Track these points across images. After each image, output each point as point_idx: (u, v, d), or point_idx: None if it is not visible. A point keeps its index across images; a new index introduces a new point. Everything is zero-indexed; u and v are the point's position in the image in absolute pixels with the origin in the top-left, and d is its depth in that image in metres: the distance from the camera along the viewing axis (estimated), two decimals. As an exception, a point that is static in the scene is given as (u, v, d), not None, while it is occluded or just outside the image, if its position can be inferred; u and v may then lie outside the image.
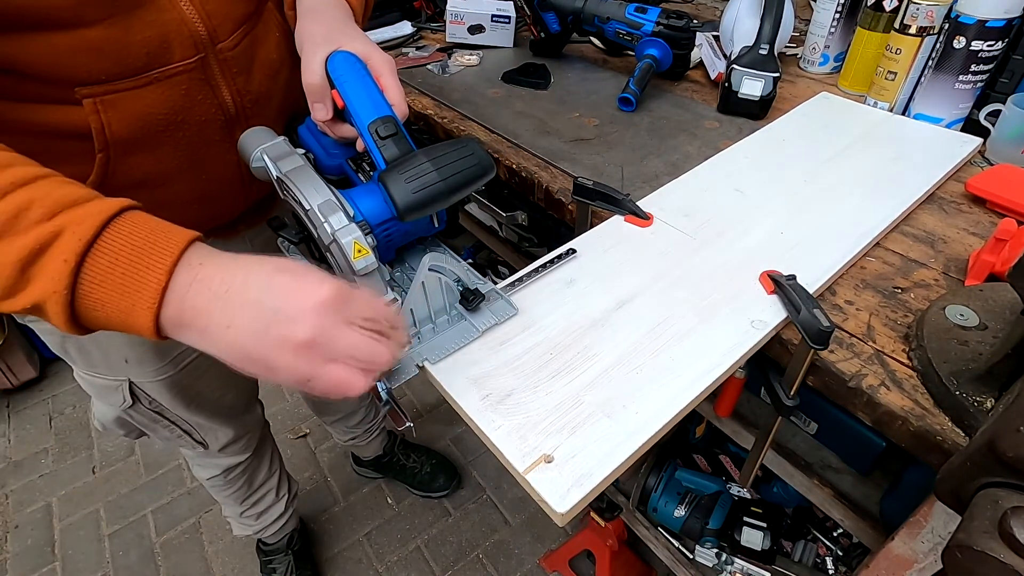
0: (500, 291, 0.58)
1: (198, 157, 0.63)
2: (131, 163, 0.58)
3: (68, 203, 0.39)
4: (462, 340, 0.54)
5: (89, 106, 0.53)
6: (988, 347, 0.51)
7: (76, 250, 0.38)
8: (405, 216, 0.50)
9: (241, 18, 0.62)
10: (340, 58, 0.57)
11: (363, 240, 0.49)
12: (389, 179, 0.49)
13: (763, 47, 0.89)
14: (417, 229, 0.59)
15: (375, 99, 0.55)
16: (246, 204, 0.73)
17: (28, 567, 1.48)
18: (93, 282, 0.39)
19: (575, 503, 0.41)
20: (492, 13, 1.15)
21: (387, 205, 0.53)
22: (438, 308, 0.54)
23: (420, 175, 0.49)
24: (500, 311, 0.57)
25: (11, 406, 1.88)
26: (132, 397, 0.82)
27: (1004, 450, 0.32)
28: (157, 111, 0.57)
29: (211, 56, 0.59)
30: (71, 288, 0.38)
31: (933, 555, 0.45)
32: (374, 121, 0.53)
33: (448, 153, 0.51)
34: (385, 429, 1.50)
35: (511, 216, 0.97)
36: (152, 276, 0.39)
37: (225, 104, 0.62)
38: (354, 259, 0.49)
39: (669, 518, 1.10)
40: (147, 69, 0.55)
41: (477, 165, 0.52)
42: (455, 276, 0.54)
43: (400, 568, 1.44)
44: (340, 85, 0.56)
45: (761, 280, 0.59)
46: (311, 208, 0.50)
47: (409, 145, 0.54)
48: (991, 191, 0.72)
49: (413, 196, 0.49)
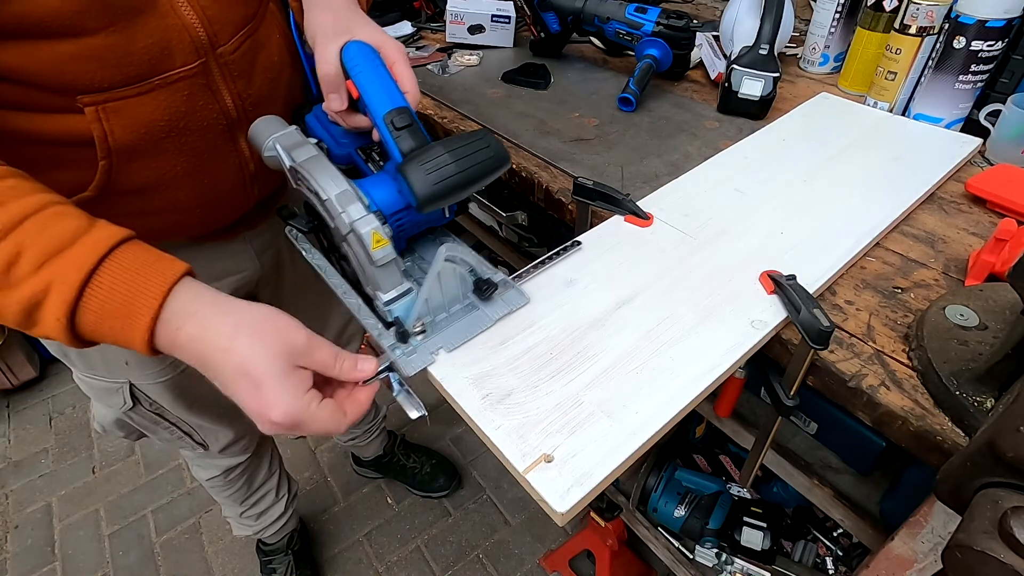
0: (512, 281, 0.59)
1: (200, 162, 0.63)
2: (133, 169, 0.58)
3: (53, 251, 0.41)
4: (476, 329, 0.55)
5: (91, 114, 0.53)
6: (988, 347, 0.51)
7: (63, 311, 0.41)
8: (424, 207, 0.50)
9: (241, 21, 0.62)
10: (355, 48, 0.57)
11: (381, 230, 0.50)
12: (408, 170, 0.50)
13: (763, 47, 0.89)
14: (428, 219, 0.60)
15: (390, 90, 0.56)
16: (247, 207, 0.73)
17: (28, 567, 1.48)
18: (88, 328, 0.43)
19: (575, 503, 0.41)
20: (492, 13, 1.15)
21: (400, 195, 0.53)
22: (452, 297, 0.55)
23: (439, 166, 0.50)
24: (512, 300, 0.57)
25: (11, 406, 1.88)
26: (132, 399, 0.82)
27: (1004, 450, 0.32)
28: (159, 117, 0.57)
29: (212, 61, 0.59)
30: (71, 330, 0.42)
31: (933, 555, 0.45)
32: (389, 112, 0.54)
33: (465, 145, 0.51)
34: (385, 429, 1.50)
35: (511, 216, 0.97)
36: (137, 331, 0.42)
37: (227, 108, 0.62)
38: (373, 249, 0.49)
39: (669, 518, 1.10)
40: (149, 76, 0.55)
41: (494, 157, 0.53)
42: (469, 266, 0.55)
43: (400, 568, 1.44)
44: (355, 76, 0.56)
45: (761, 280, 0.59)
46: (328, 198, 0.50)
47: (423, 136, 0.54)
48: (991, 191, 0.72)
49: (432, 187, 0.49)
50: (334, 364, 0.47)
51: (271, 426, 0.43)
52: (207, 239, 0.72)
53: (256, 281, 0.83)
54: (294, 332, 0.45)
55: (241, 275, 0.79)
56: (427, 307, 0.53)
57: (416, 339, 0.53)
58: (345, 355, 0.48)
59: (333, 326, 1.04)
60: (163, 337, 0.43)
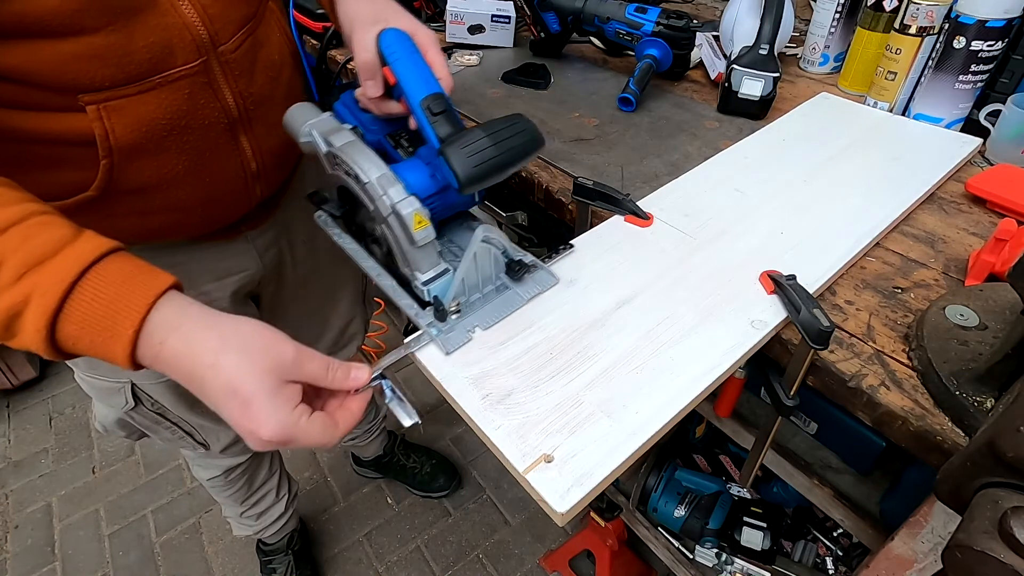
0: (541, 262, 0.60)
1: (201, 161, 0.63)
2: (135, 168, 0.58)
3: (34, 261, 0.40)
4: (509, 308, 0.57)
5: (93, 113, 0.53)
6: (988, 347, 0.51)
7: (43, 322, 0.40)
8: (465, 188, 0.51)
9: (242, 20, 0.62)
10: (392, 35, 0.59)
11: (423, 211, 0.51)
12: (450, 152, 0.51)
13: (763, 47, 0.89)
14: (458, 203, 0.61)
15: (426, 76, 0.57)
16: (249, 206, 0.73)
17: (28, 567, 1.48)
18: (68, 342, 0.42)
19: (575, 503, 0.41)
20: (492, 13, 1.15)
21: (432, 180, 0.56)
22: (486, 277, 0.56)
23: (479, 149, 0.51)
24: (542, 281, 0.59)
25: (11, 406, 1.88)
26: (134, 399, 0.82)
27: (1004, 450, 0.32)
28: (160, 116, 0.57)
29: (213, 59, 0.59)
30: (50, 342, 0.41)
31: (933, 555, 0.45)
32: (426, 98, 0.55)
33: (504, 128, 0.53)
34: (385, 429, 1.50)
35: (511, 216, 0.97)
36: (119, 344, 0.41)
37: (228, 107, 0.62)
38: (415, 230, 0.51)
39: (669, 518, 1.10)
40: (150, 74, 0.55)
41: (531, 140, 0.54)
42: (502, 247, 0.56)
43: (400, 568, 1.44)
44: (392, 62, 0.58)
45: (761, 280, 0.59)
46: (369, 181, 0.52)
47: (459, 121, 0.56)
48: (991, 191, 0.72)
49: (474, 169, 0.51)
50: (326, 375, 0.46)
51: (261, 444, 0.42)
52: (209, 238, 0.72)
53: (259, 280, 0.83)
54: (282, 346, 0.44)
55: (243, 274, 0.79)
56: (463, 287, 0.55)
57: (452, 318, 0.55)
58: (337, 364, 0.47)
59: (335, 324, 1.04)
60: (146, 350, 0.42)
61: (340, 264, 0.99)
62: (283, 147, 0.71)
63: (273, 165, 0.72)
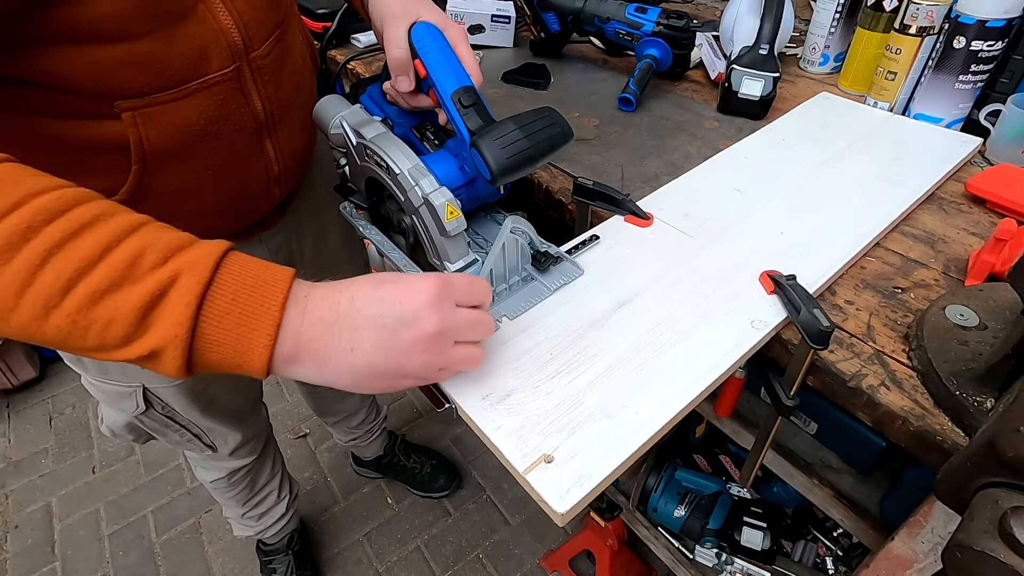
0: (566, 254, 0.60)
1: (228, 165, 0.63)
2: (165, 174, 0.58)
3: (176, 247, 0.39)
4: (535, 299, 0.57)
5: (128, 119, 0.53)
6: (988, 347, 0.51)
7: (196, 292, 0.38)
8: (498, 179, 0.52)
9: (272, 26, 0.63)
10: (422, 29, 0.59)
11: (455, 202, 0.52)
12: (483, 144, 0.52)
13: (763, 47, 0.89)
14: (484, 195, 0.62)
15: (456, 69, 0.57)
16: (268, 208, 0.73)
17: (28, 567, 1.48)
18: (212, 323, 0.39)
19: (575, 503, 0.41)
20: (492, 13, 1.15)
21: (460, 172, 0.57)
22: (512, 268, 0.57)
23: (511, 141, 0.52)
24: (567, 272, 0.60)
25: (11, 406, 1.88)
26: (145, 403, 0.82)
27: (1004, 450, 0.32)
28: (194, 122, 0.57)
29: (244, 65, 0.59)
30: (192, 332, 0.38)
31: (933, 555, 0.45)
32: (457, 91, 0.56)
33: (534, 120, 0.54)
34: (386, 430, 1.50)
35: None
36: (267, 313, 0.40)
37: (256, 112, 0.63)
38: (447, 220, 0.52)
39: (669, 518, 1.10)
40: (187, 80, 0.55)
41: (561, 132, 0.56)
42: (529, 239, 0.57)
43: (400, 568, 1.44)
44: (424, 55, 0.58)
45: (761, 280, 0.59)
46: (401, 172, 0.53)
47: (488, 114, 0.56)
48: (991, 191, 0.72)
49: (507, 160, 0.52)
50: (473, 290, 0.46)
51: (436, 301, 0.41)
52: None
53: None
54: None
55: None
56: (491, 277, 0.55)
57: None
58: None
59: None
60: (293, 310, 0.41)
61: (347, 263, 0.99)
62: (302, 150, 0.72)
63: (293, 167, 0.72)
